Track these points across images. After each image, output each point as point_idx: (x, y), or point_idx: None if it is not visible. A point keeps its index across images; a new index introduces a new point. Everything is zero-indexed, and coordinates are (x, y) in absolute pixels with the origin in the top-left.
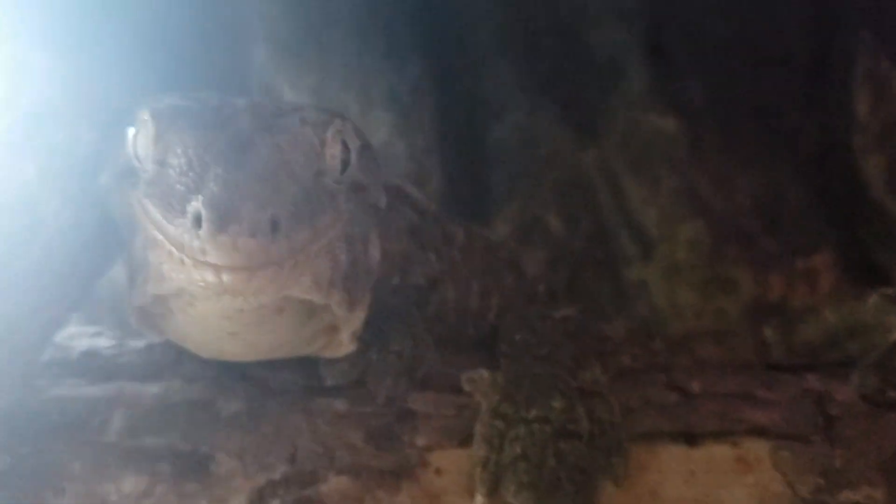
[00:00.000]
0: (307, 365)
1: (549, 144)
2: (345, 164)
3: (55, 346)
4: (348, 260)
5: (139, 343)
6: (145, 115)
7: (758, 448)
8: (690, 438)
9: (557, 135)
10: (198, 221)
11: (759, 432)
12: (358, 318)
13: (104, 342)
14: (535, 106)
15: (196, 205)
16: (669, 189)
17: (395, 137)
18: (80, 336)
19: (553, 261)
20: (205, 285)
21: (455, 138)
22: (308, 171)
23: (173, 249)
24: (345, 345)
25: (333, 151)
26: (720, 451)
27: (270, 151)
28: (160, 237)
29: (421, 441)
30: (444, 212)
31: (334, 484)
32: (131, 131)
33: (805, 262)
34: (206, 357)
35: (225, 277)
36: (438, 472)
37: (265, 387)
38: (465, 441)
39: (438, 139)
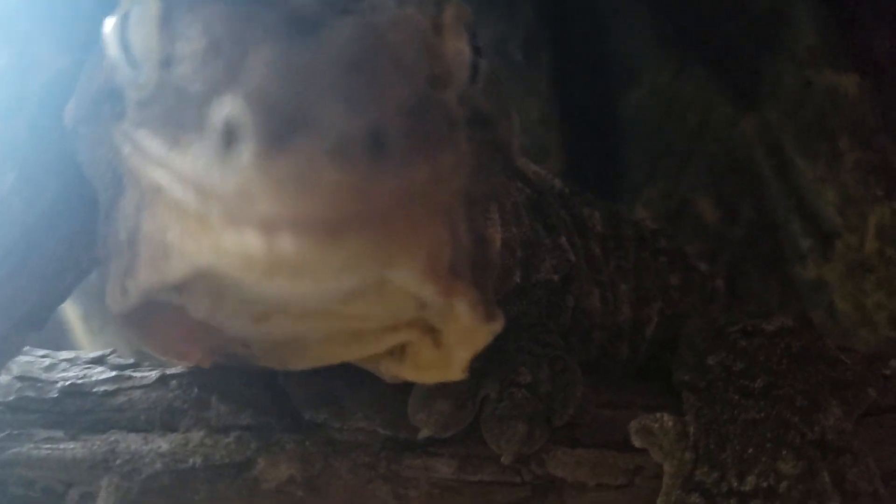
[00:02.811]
0: (390, 404)
1: (699, 112)
2: (474, 69)
3: (24, 378)
4: (471, 237)
5: (149, 374)
6: None
7: None
8: None
9: (709, 99)
10: (231, 135)
11: None
12: (491, 332)
13: (99, 373)
14: (681, 65)
15: (228, 105)
16: (853, 164)
17: None
18: (66, 364)
19: (706, 256)
20: (245, 261)
21: (579, 105)
22: (419, 70)
23: (189, 198)
24: (454, 368)
25: (458, 45)
26: None
27: (358, 32)
28: (165, 182)
29: None
30: (574, 190)
31: None
32: (111, 22)
33: None
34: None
35: (286, 243)
36: None
37: (329, 439)
38: None
39: (558, 106)
